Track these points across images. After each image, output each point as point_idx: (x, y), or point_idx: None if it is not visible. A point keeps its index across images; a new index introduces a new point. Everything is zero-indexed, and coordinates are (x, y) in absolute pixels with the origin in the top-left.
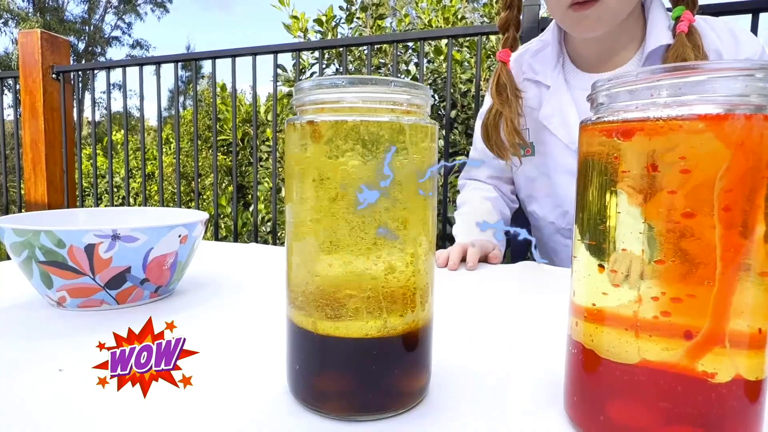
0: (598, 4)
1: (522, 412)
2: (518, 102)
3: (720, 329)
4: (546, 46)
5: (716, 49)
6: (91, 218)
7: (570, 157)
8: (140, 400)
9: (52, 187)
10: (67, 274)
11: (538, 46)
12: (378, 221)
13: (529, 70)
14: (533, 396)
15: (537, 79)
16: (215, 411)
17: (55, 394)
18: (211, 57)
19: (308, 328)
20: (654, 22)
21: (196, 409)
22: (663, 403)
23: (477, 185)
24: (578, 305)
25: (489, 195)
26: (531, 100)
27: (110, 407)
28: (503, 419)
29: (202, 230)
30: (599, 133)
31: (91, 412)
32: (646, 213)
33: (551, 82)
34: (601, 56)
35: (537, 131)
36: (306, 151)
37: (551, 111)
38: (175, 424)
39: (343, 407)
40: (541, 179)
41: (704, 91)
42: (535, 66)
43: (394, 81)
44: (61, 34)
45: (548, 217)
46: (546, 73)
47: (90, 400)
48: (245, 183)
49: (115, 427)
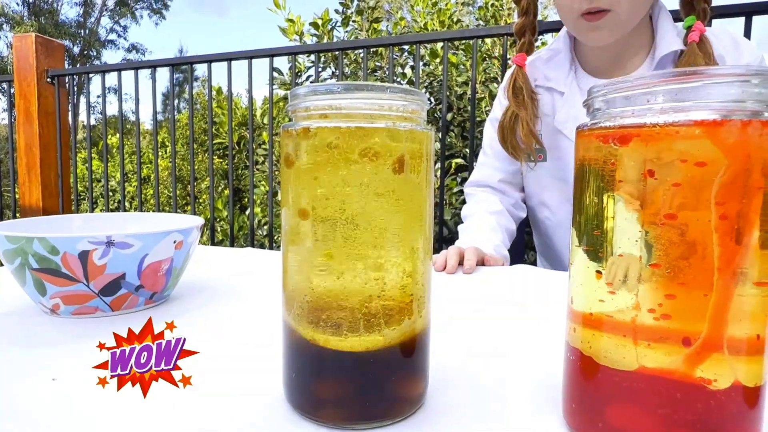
0: (609, 14)
1: (521, 419)
2: (534, 105)
3: (718, 336)
4: (557, 53)
5: (720, 55)
6: (86, 224)
7: None
8: (136, 407)
9: (47, 191)
10: (60, 281)
11: (549, 54)
12: (374, 228)
13: (541, 77)
14: (532, 402)
15: (550, 86)
16: (210, 419)
17: (49, 403)
18: (207, 60)
19: (305, 336)
20: (663, 29)
21: (191, 417)
22: (662, 409)
23: (483, 197)
24: (576, 311)
25: (494, 209)
26: (545, 106)
27: (105, 415)
28: (502, 426)
29: (197, 236)
30: (596, 138)
31: (86, 420)
32: (643, 219)
33: (565, 89)
34: (611, 63)
35: (552, 137)
36: (301, 157)
37: (566, 116)
38: (172, 431)
39: (340, 415)
40: (555, 185)
41: (700, 97)
42: (548, 73)
43: (390, 87)
44: (56, 37)
45: (565, 223)
46: (559, 79)
47: (85, 407)
48: (241, 186)
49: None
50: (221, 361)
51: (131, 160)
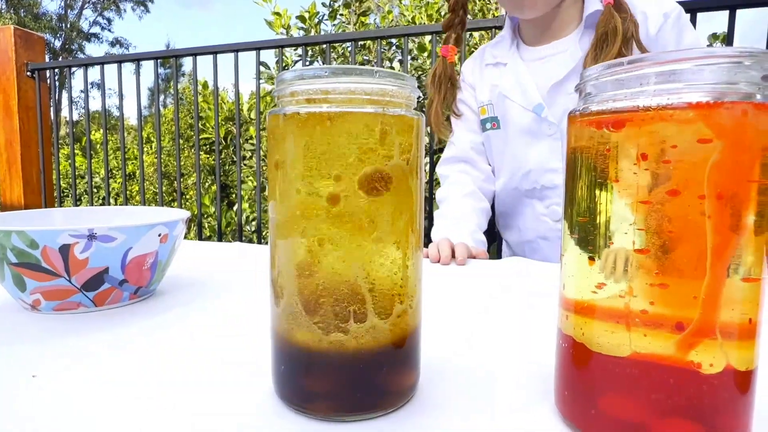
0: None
1: (512, 409)
2: (453, 91)
3: (711, 320)
4: (502, 39)
5: (642, 11)
6: (68, 218)
7: (527, 118)
8: (120, 405)
9: (29, 187)
10: (41, 276)
11: (496, 40)
12: (364, 217)
13: (489, 57)
14: (523, 391)
15: (497, 62)
16: (199, 414)
17: (30, 401)
18: (192, 54)
19: (294, 329)
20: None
21: (180, 413)
22: (654, 395)
23: (455, 179)
24: (568, 299)
25: (467, 190)
26: (493, 79)
27: (87, 414)
28: (494, 416)
29: (183, 229)
30: (588, 124)
31: (68, 419)
32: (637, 204)
33: (508, 60)
34: (548, 30)
35: (499, 104)
36: (288, 144)
37: (510, 82)
38: (159, 428)
39: (331, 408)
40: (507, 149)
41: (693, 80)
42: (494, 52)
43: (379, 71)
44: (35, 31)
45: (511, 183)
46: (504, 55)
47: (67, 405)
48: (229, 182)
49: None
50: (208, 357)
51: (116, 156)
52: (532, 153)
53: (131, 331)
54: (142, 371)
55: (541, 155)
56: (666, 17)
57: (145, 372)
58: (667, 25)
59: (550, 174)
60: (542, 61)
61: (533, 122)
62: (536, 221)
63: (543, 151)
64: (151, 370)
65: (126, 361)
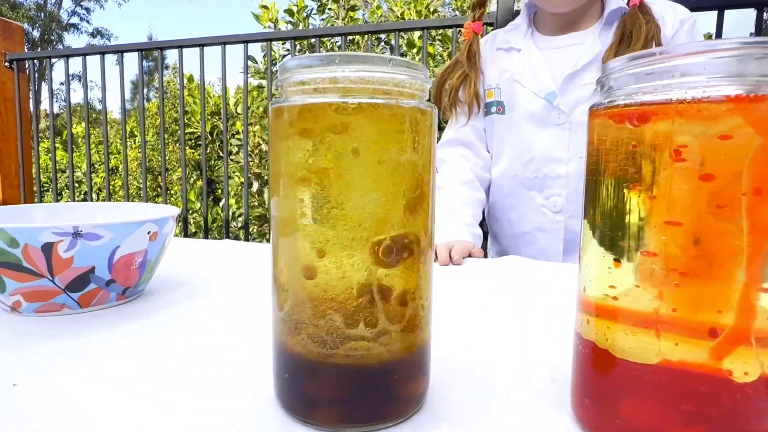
0: None
1: (528, 417)
2: (480, 70)
3: (746, 326)
4: (517, 26)
5: (661, 17)
6: (50, 214)
7: (537, 104)
8: (106, 411)
9: (7, 182)
10: (22, 276)
11: (510, 27)
12: (375, 214)
13: (502, 41)
14: (539, 398)
15: (509, 47)
16: (195, 423)
17: (10, 411)
18: (178, 46)
19: (299, 336)
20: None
21: (175, 417)
22: (685, 404)
23: (454, 164)
24: (590, 302)
25: (465, 178)
26: (504, 63)
27: (73, 422)
28: (509, 427)
29: (173, 226)
30: (613, 117)
31: (51, 429)
32: (668, 202)
33: (522, 46)
34: (567, 23)
35: (508, 88)
36: (294, 138)
37: (522, 67)
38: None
39: (336, 417)
40: (511, 135)
41: (730, 72)
42: (508, 37)
43: (392, 59)
44: (13, 20)
45: (511, 170)
46: (517, 41)
47: (49, 415)
48: (215, 177)
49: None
50: (202, 361)
51: (98, 150)
52: (538, 141)
53: (119, 334)
54: (130, 376)
55: (547, 144)
56: (682, 23)
57: (133, 377)
58: (683, 31)
59: (554, 163)
60: (558, 51)
61: (543, 110)
62: (534, 212)
63: (549, 139)
64: (141, 375)
65: (113, 365)
